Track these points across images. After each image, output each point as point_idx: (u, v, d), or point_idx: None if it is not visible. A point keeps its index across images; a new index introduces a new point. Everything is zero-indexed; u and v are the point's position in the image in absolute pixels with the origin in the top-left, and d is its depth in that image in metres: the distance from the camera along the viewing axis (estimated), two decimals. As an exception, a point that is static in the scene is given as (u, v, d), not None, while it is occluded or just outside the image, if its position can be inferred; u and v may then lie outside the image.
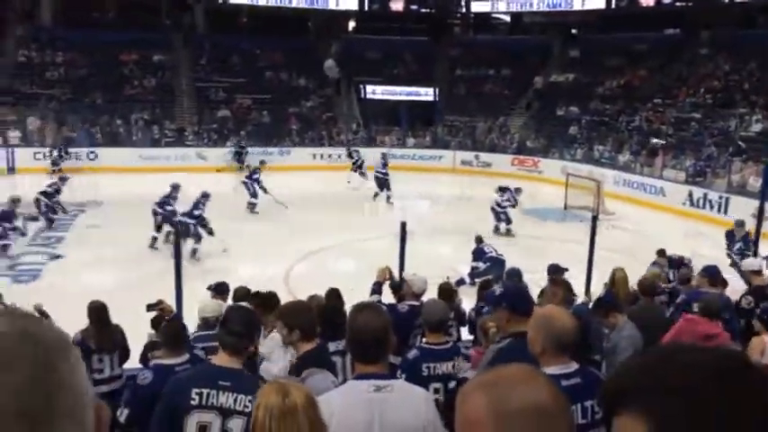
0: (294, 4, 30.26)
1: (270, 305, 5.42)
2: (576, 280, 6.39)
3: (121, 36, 27.73)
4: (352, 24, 33.57)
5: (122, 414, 3.38)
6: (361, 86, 28.92)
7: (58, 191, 14.08)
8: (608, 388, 0.83)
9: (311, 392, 2.09)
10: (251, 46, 29.58)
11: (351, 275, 10.41)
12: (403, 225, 6.89)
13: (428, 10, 31.55)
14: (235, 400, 2.74)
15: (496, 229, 14.58)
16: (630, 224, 16.20)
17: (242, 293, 5.62)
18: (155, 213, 12.80)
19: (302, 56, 29.62)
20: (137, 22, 29.35)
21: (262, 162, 17.93)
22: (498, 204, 14.82)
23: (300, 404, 1.92)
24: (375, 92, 28.94)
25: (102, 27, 28.46)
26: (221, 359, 2.87)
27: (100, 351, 5.22)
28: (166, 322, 4.06)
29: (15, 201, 12.67)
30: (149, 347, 5.66)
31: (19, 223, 12.66)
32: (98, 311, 5.35)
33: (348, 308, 4.87)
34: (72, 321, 5.33)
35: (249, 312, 3.27)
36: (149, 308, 4.81)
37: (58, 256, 12.19)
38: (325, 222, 14.91)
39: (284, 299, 5.54)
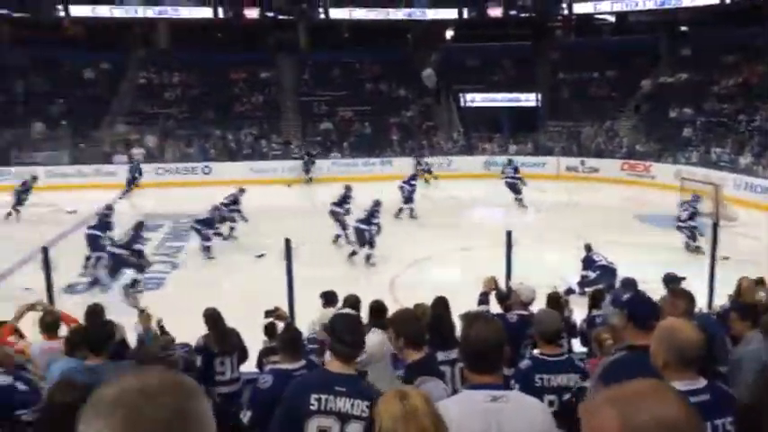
0: (392, 17, 30.67)
1: (378, 313, 5.53)
2: (692, 289, 6.05)
3: (231, 56, 29.27)
4: (450, 33, 33.57)
5: (245, 416, 3.54)
6: (461, 95, 28.82)
7: (236, 201, 14.86)
8: (744, 405, 0.81)
9: (428, 394, 2.12)
10: (351, 59, 30.34)
11: (455, 284, 10.38)
12: (508, 233, 6.79)
13: (527, 14, 30.99)
14: (352, 405, 2.79)
15: (687, 246, 13.72)
16: (756, 230, 15.12)
17: (352, 301, 5.74)
18: (333, 214, 13.69)
19: (401, 67, 29.99)
20: (244, 43, 30.86)
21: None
22: (680, 219, 13.93)
23: (420, 406, 1.97)
24: (474, 99, 28.74)
25: (212, 48, 30.20)
26: (334, 365, 2.94)
27: (222, 354, 5.50)
28: (284, 329, 4.22)
29: (216, 209, 13.94)
30: (264, 353, 5.92)
31: (223, 229, 13.95)
32: (213, 318, 5.67)
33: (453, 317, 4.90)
34: (192, 328, 5.69)
35: (355, 320, 3.33)
36: (267, 314, 5.02)
37: (262, 255, 12.69)
38: (430, 231, 14.95)
39: (390, 306, 5.64)
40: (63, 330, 5.26)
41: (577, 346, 6.11)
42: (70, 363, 4.00)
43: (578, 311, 6.87)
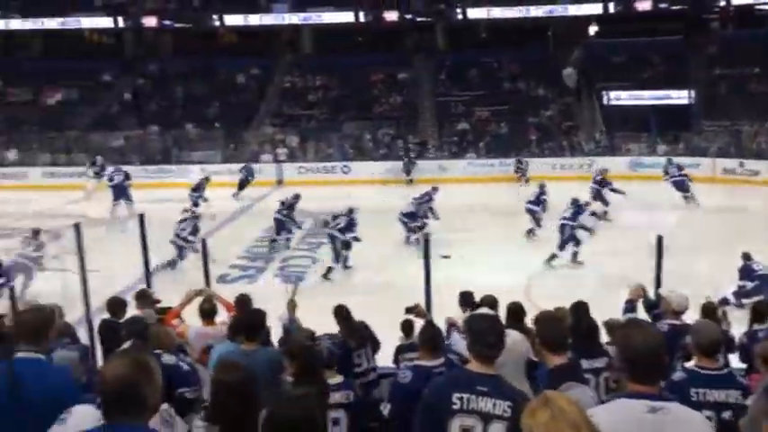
0: (533, 14, 29.94)
1: (516, 315, 5.44)
2: None
3: (370, 58, 30.08)
4: (593, 29, 32.22)
5: (386, 408, 3.63)
6: (604, 93, 27.56)
7: (429, 198, 15.50)
8: None
9: (570, 396, 2.07)
10: (489, 59, 30.03)
11: (596, 289, 9.97)
12: (659, 238, 6.40)
13: (679, 7, 28.97)
14: (494, 405, 2.75)
15: None
16: None
17: (489, 301, 5.69)
18: (530, 212, 14.39)
19: (540, 65, 29.26)
20: (383, 45, 31.57)
21: (604, 169, 18.17)
22: None
23: (566, 407, 1.93)
24: (619, 97, 27.35)
25: (352, 51, 31.19)
26: (474, 365, 2.91)
27: (358, 348, 5.69)
28: (424, 326, 4.26)
29: (419, 203, 14.81)
30: (400, 350, 6.03)
31: (419, 223, 14.48)
32: (341, 315, 5.97)
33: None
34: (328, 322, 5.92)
35: (494, 320, 3.24)
36: (407, 310, 5.12)
37: (446, 257, 12.17)
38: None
39: (527, 309, 5.53)
40: (218, 317, 5.67)
41: (735, 362, 5.64)
42: (229, 347, 4.31)
43: (738, 325, 6.34)
